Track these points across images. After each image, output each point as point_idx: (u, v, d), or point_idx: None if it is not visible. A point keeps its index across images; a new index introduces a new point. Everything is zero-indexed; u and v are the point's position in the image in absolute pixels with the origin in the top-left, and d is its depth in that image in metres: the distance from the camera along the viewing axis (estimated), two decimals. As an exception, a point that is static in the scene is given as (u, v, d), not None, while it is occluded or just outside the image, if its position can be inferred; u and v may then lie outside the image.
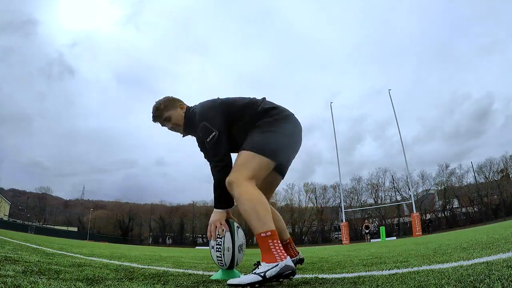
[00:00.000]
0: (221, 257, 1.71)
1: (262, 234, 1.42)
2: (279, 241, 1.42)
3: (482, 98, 69.71)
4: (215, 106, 1.81)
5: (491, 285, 0.96)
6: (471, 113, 64.36)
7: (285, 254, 1.39)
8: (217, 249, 1.71)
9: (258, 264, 1.54)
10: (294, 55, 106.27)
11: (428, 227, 29.85)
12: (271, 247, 1.39)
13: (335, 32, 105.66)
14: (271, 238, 1.40)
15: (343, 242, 24.82)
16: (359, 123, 75.48)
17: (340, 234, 29.33)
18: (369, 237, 24.32)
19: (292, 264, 1.36)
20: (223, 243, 1.70)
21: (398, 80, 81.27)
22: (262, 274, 1.30)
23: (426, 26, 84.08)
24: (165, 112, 1.94)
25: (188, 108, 1.98)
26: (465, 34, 76.36)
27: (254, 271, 1.35)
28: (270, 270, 1.31)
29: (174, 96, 2.03)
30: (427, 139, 64.80)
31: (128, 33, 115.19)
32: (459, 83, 73.03)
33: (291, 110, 1.91)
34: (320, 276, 1.63)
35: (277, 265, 1.33)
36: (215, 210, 1.76)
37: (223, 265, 1.72)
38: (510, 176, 36.19)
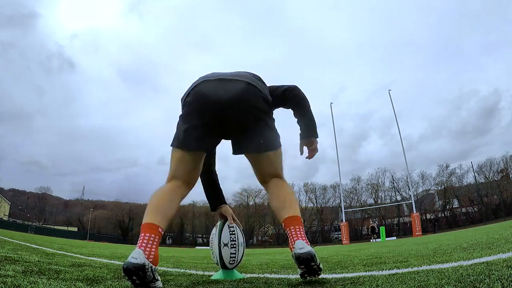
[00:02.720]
0: (213, 254, 1.78)
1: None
2: (145, 234, 1.27)
3: (489, 95, 69.43)
4: None
5: (491, 285, 0.96)
6: (478, 111, 63.63)
7: (140, 244, 1.21)
8: (210, 247, 1.80)
9: None
10: (300, 51, 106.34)
11: (435, 226, 29.93)
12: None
13: (342, 29, 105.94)
14: (142, 231, 1.29)
15: (343, 242, 24.82)
16: (366, 120, 75.61)
17: (340, 234, 29.34)
18: (375, 236, 24.62)
19: (132, 260, 1.10)
20: (213, 243, 1.78)
21: (405, 77, 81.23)
22: None
23: (433, 23, 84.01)
24: None
25: None
26: (474, 30, 76.31)
27: None
28: None
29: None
30: (433, 137, 64.56)
31: (131, 25, 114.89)
32: (467, 80, 73.18)
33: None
34: (320, 276, 1.63)
35: None
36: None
37: (216, 263, 1.77)
38: (510, 176, 36.18)
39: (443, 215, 38.43)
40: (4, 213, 45.35)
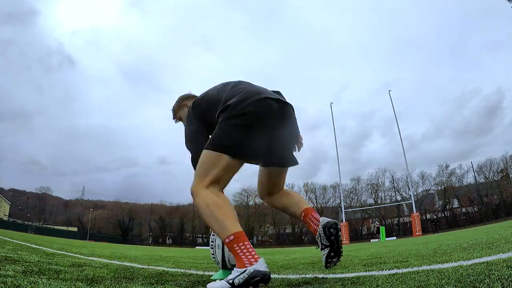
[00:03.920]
0: (214, 254, 1.77)
1: (226, 240, 1.31)
2: (246, 243, 1.28)
3: (492, 94, 68.99)
4: (197, 103, 1.75)
5: (491, 285, 0.96)
6: (480, 110, 63.15)
7: (256, 257, 1.24)
8: (211, 246, 1.79)
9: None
10: (301, 50, 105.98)
11: (435, 226, 30.00)
12: (237, 251, 1.27)
13: (344, 28, 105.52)
14: (236, 242, 1.28)
15: (343, 242, 24.88)
16: (367, 120, 75.39)
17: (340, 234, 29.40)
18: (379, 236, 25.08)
19: (264, 269, 1.19)
20: (215, 241, 1.77)
21: (407, 76, 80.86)
22: (230, 281, 1.20)
23: (435, 22, 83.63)
24: (177, 113, 2.13)
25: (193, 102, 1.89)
26: (476, 29, 76.00)
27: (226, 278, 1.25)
28: (238, 277, 1.20)
29: (185, 94, 2.14)
30: (435, 136, 64.19)
31: (132, 23, 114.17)
32: (469, 79, 72.55)
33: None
34: (320, 276, 1.63)
35: (245, 271, 1.20)
36: None
37: (217, 263, 1.76)
38: (510, 176, 36.19)
39: (443, 215, 38.43)
40: (4, 213, 45.35)
